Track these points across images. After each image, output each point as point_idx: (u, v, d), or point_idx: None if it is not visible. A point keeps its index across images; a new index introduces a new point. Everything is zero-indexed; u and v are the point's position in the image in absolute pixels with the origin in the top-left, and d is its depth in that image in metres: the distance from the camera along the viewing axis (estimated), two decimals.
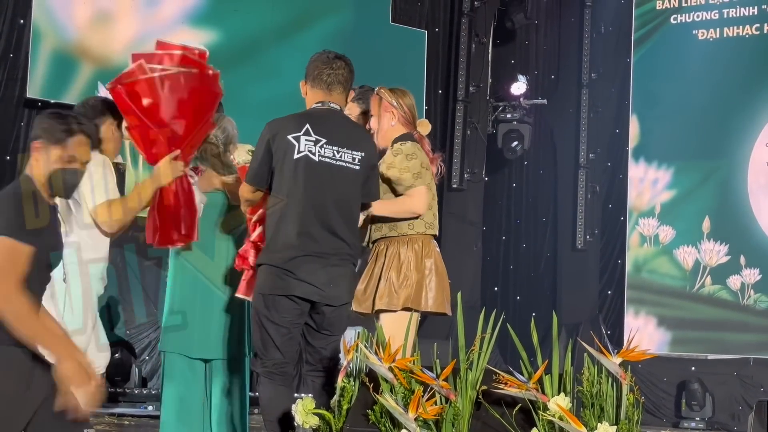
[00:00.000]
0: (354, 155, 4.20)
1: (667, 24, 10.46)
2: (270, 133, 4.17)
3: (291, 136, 4.14)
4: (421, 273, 4.52)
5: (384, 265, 4.54)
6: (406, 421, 3.46)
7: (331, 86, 4.26)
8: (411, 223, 4.57)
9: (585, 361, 3.38)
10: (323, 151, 4.14)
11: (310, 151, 4.13)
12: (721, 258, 9.92)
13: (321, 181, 4.13)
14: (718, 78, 10.10)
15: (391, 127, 4.66)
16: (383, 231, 4.60)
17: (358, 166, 4.21)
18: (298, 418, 3.80)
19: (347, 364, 3.77)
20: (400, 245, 4.55)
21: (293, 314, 4.10)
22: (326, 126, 4.19)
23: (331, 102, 4.26)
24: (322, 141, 4.15)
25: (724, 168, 10.01)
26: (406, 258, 4.52)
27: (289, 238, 4.10)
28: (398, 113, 4.66)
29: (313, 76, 4.29)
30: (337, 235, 4.14)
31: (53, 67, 8.70)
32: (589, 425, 3.27)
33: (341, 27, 10.16)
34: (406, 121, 4.67)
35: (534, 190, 11.29)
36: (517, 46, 11.40)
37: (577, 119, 10.96)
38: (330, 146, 4.16)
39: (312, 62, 4.33)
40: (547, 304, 10.72)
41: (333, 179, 4.15)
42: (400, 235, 4.57)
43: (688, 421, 9.59)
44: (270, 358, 4.11)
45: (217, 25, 9.54)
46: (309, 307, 4.14)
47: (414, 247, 4.54)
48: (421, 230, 4.59)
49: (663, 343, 10.02)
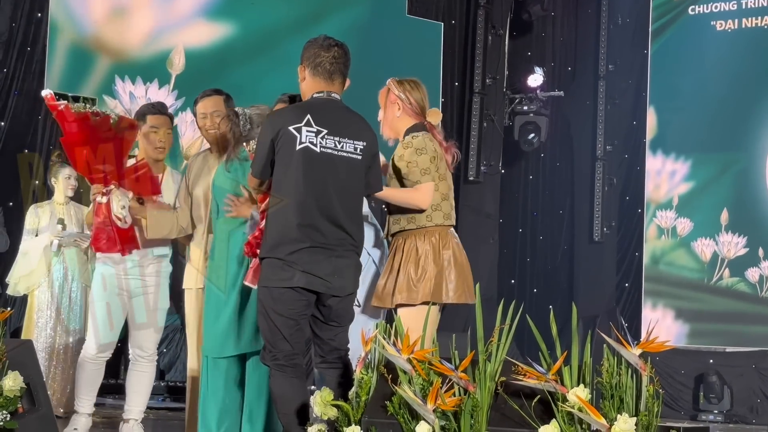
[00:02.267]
0: (356, 145, 4.16)
1: (685, 15, 10.41)
2: (271, 125, 4.14)
3: (292, 127, 4.09)
4: (439, 266, 4.52)
5: (402, 259, 4.55)
6: (425, 412, 3.46)
7: (333, 75, 4.19)
8: (429, 215, 4.58)
9: (604, 353, 3.37)
10: (324, 141, 4.11)
11: (311, 142, 4.09)
12: (739, 250, 9.87)
13: (323, 172, 4.10)
14: (737, 69, 10.04)
15: (396, 117, 4.68)
16: (401, 224, 4.61)
17: (360, 156, 4.18)
18: (316, 410, 3.81)
19: (365, 356, 3.77)
20: (417, 239, 4.56)
21: (299, 306, 4.08)
22: (327, 116, 4.15)
23: (331, 91, 4.20)
24: (324, 132, 4.11)
25: (742, 160, 9.96)
26: (424, 251, 4.53)
27: (292, 230, 4.06)
28: (403, 105, 4.67)
29: (314, 64, 4.19)
30: (341, 226, 4.12)
31: (70, 60, 8.72)
32: (608, 416, 3.26)
33: (357, 19, 10.15)
34: (413, 113, 4.68)
35: (551, 182, 11.26)
36: (534, 37, 11.36)
37: (594, 111, 10.92)
38: (331, 137, 4.12)
39: (311, 47, 4.22)
40: (564, 296, 10.70)
41: (335, 170, 4.12)
42: (418, 227, 4.58)
43: (706, 414, 9.56)
44: (279, 350, 4.07)
45: (233, 19, 9.55)
46: (315, 299, 4.13)
47: (431, 240, 4.55)
48: (439, 221, 4.60)
49: (681, 336, 9.99)
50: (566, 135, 11.19)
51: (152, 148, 5.15)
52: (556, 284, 11.00)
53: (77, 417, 5.26)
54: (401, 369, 3.58)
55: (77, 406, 5.25)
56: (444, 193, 4.63)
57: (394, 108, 4.68)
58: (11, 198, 8.36)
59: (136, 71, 9.03)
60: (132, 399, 5.28)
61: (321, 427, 3.75)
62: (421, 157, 4.55)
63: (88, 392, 5.20)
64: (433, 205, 4.60)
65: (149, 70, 9.09)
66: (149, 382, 5.32)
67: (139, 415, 5.30)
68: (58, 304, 7.01)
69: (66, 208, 7.11)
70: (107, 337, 5.14)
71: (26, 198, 7.94)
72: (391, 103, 4.69)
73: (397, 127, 4.69)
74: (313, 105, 4.17)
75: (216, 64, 9.32)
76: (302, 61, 4.22)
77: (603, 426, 3.23)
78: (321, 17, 10.00)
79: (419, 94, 4.70)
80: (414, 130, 4.65)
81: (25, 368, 4.69)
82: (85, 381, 5.19)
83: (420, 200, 4.55)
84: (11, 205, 8.32)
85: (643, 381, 3.29)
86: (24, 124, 8.67)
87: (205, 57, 9.34)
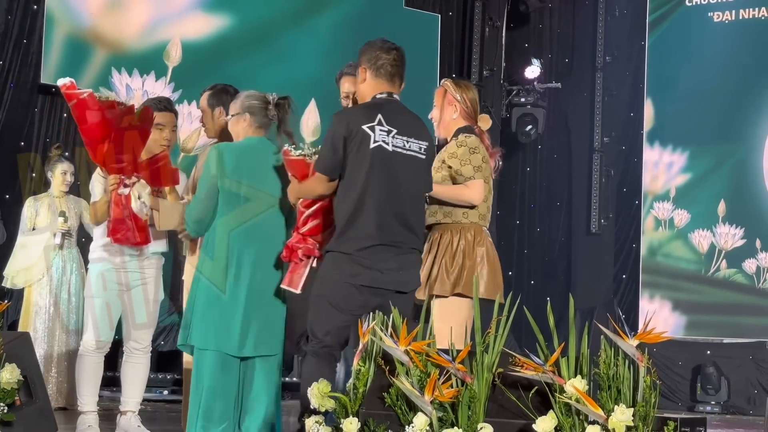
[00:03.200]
0: (420, 145, 4.29)
1: (682, 6, 10.40)
2: (342, 124, 4.20)
3: (366, 126, 4.18)
4: (472, 261, 4.63)
5: (437, 252, 4.66)
6: (422, 403, 3.46)
7: (393, 77, 4.32)
8: (466, 212, 4.69)
9: (601, 344, 3.37)
10: (395, 141, 4.23)
11: (384, 141, 4.20)
12: (736, 241, 9.88)
13: (395, 170, 4.21)
14: (734, 61, 10.04)
15: (453, 119, 4.80)
16: (438, 217, 4.71)
17: (424, 155, 4.31)
18: (313, 402, 3.81)
19: (362, 348, 3.77)
20: (454, 234, 4.67)
21: (356, 303, 4.17)
22: (395, 116, 4.26)
23: (392, 92, 4.32)
24: (394, 131, 4.23)
25: (739, 151, 9.96)
26: (459, 246, 4.64)
27: (366, 227, 4.15)
28: (461, 107, 4.79)
29: (376, 66, 4.29)
30: (408, 223, 4.24)
31: (67, 52, 8.71)
32: (605, 408, 3.26)
33: (354, 11, 10.14)
34: (467, 115, 4.81)
35: (548, 174, 11.26)
36: (531, 29, 11.35)
37: (591, 103, 10.92)
38: (400, 136, 4.24)
39: (370, 50, 4.33)
40: (561, 288, 10.71)
41: (405, 169, 4.24)
42: (454, 222, 4.69)
43: (703, 405, 9.58)
44: (320, 340, 4.17)
45: (231, 11, 9.54)
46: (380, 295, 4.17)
47: (467, 236, 4.66)
48: (474, 220, 4.71)
49: (678, 327, 10.00)
50: (563, 127, 11.19)
51: (157, 144, 5.12)
52: (554, 276, 11.01)
53: (85, 417, 5.17)
54: (399, 360, 3.59)
55: (82, 405, 5.17)
56: (485, 195, 4.73)
57: (451, 109, 4.81)
58: (8, 191, 8.36)
59: (133, 63, 9.02)
60: (129, 391, 5.28)
61: (318, 419, 3.75)
62: (474, 156, 4.67)
63: (90, 389, 5.17)
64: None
65: (146, 63, 9.08)
66: (145, 374, 5.33)
67: (136, 407, 5.30)
68: (57, 297, 7.01)
69: (65, 201, 7.10)
70: (106, 335, 5.12)
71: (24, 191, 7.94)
72: (449, 105, 4.81)
73: (452, 127, 4.82)
74: (383, 105, 4.27)
75: (213, 56, 9.31)
76: (362, 63, 4.32)
77: (600, 417, 3.24)
78: (318, 9, 9.99)
79: (474, 97, 4.85)
80: (465, 131, 4.77)
81: (23, 361, 4.69)
82: (86, 377, 5.15)
83: (471, 196, 4.66)
84: (8, 197, 8.31)
85: (640, 372, 3.29)
86: (20, 117, 8.66)
87: (202, 49, 9.33)
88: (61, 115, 8.82)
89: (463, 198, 4.67)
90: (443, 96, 4.83)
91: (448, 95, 4.81)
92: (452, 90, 4.80)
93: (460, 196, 4.67)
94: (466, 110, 4.79)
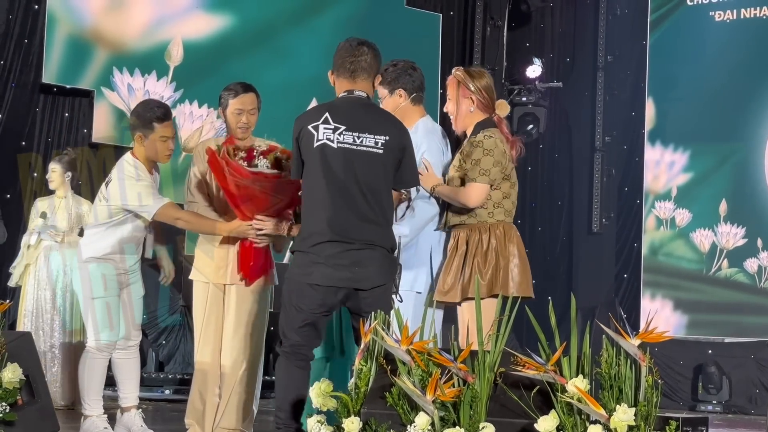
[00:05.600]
0: (377, 139, 4.21)
1: (684, 5, 10.39)
2: (296, 127, 4.26)
3: (310, 126, 4.21)
4: (506, 259, 4.51)
5: (467, 252, 4.53)
6: (424, 403, 3.46)
7: (354, 74, 4.28)
8: (491, 212, 4.56)
9: (603, 343, 3.37)
10: (342, 137, 4.18)
11: (329, 138, 4.18)
12: (737, 241, 9.88)
13: (341, 167, 4.16)
14: (736, 60, 10.03)
15: (470, 113, 4.64)
16: (462, 217, 4.59)
17: (382, 150, 4.22)
18: (315, 401, 3.81)
19: (364, 347, 3.77)
20: (482, 232, 4.54)
21: (314, 302, 4.16)
22: (347, 113, 4.23)
23: (356, 90, 4.28)
24: (341, 128, 4.19)
25: (741, 151, 9.95)
26: (491, 244, 4.51)
27: (316, 224, 4.16)
28: (476, 98, 4.63)
29: (337, 66, 4.32)
30: (367, 218, 4.18)
31: (68, 52, 8.70)
32: (607, 407, 3.26)
33: (356, 10, 10.14)
34: (484, 106, 4.64)
35: (549, 173, 11.26)
36: (533, 28, 11.35)
37: (592, 102, 10.92)
38: (350, 132, 4.19)
39: (337, 52, 4.35)
40: (562, 287, 10.71)
41: (353, 164, 4.17)
42: (480, 222, 4.56)
43: (704, 405, 9.57)
44: (288, 339, 4.19)
45: (232, 10, 9.54)
46: (337, 293, 4.16)
47: (496, 233, 4.54)
48: (500, 218, 4.58)
49: (679, 327, 10.00)
50: (565, 126, 11.19)
51: (162, 155, 5.11)
52: (555, 275, 11.00)
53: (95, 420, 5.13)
54: (400, 360, 3.58)
55: (89, 408, 5.13)
56: (506, 191, 4.61)
57: (467, 102, 4.64)
58: (8, 190, 8.36)
59: (134, 63, 9.02)
60: (128, 386, 5.26)
61: (320, 419, 3.75)
62: (486, 158, 4.53)
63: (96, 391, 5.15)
64: (494, 203, 4.57)
65: (147, 62, 9.08)
66: (139, 368, 5.35)
67: (136, 401, 5.30)
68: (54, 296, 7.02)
69: (65, 201, 7.11)
70: (108, 336, 5.11)
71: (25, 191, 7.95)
72: (464, 97, 4.64)
73: (471, 121, 4.65)
74: (335, 104, 4.29)
75: (214, 55, 9.31)
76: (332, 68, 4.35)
77: (602, 416, 3.24)
78: (320, 8, 9.99)
79: (489, 84, 4.67)
80: (484, 126, 4.60)
81: (24, 360, 4.69)
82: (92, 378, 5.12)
83: (466, 198, 4.53)
84: (8, 197, 8.32)
85: (642, 371, 3.29)
86: (21, 117, 8.66)
87: (203, 49, 9.33)
88: (62, 115, 8.83)
89: (458, 199, 4.56)
90: (456, 88, 4.66)
91: (463, 88, 4.64)
92: (466, 81, 4.63)
93: (456, 196, 4.57)
94: (483, 101, 4.62)
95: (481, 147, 4.54)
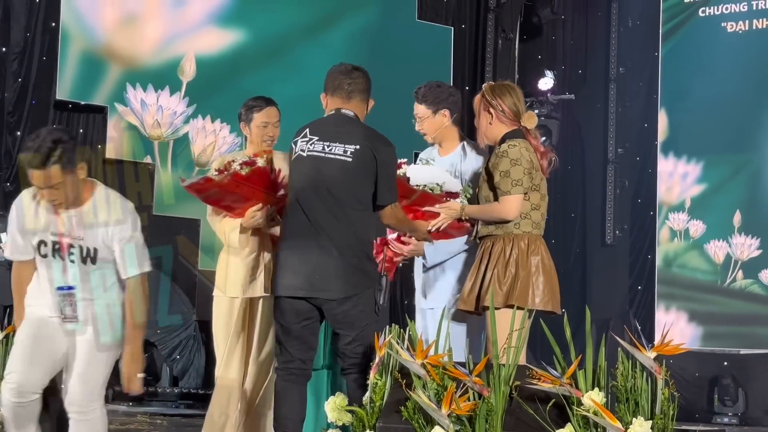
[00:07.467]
0: (346, 148, 4.22)
1: (696, 17, 10.39)
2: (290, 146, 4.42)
3: (293, 141, 4.36)
4: (526, 270, 4.46)
5: (489, 262, 4.51)
6: (440, 417, 3.46)
7: (351, 95, 4.36)
8: (517, 223, 4.51)
9: (619, 356, 3.36)
10: (313, 146, 4.26)
11: (302, 149, 4.29)
12: (752, 252, 9.84)
13: (307, 173, 4.24)
14: (748, 70, 10.01)
15: (489, 126, 4.63)
16: (490, 228, 4.57)
17: (350, 158, 4.21)
18: (330, 416, 3.81)
19: (379, 361, 3.77)
20: (506, 243, 4.50)
21: (286, 312, 4.20)
22: (323, 126, 4.33)
23: (345, 109, 4.34)
24: (314, 138, 4.28)
25: (754, 161, 9.93)
26: (512, 255, 4.47)
27: (282, 234, 4.31)
28: (495, 113, 4.61)
29: (333, 87, 4.39)
30: (328, 225, 4.17)
31: (82, 68, 8.76)
32: (624, 420, 3.25)
33: (367, 25, 10.16)
34: (506, 119, 4.61)
35: (562, 185, 11.23)
36: (544, 41, 11.35)
37: (605, 114, 10.91)
38: (321, 142, 4.27)
39: (331, 74, 4.43)
40: (576, 299, 10.67)
41: (319, 171, 4.22)
42: (506, 233, 4.53)
43: (720, 417, 9.52)
44: (278, 355, 4.26)
45: (244, 25, 9.57)
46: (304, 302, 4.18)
47: (520, 245, 4.49)
48: (527, 230, 4.53)
49: (694, 338, 9.95)
50: (577, 138, 11.18)
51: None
52: (569, 287, 10.95)
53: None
54: (415, 374, 3.58)
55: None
56: (535, 203, 4.56)
57: (486, 116, 4.63)
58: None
59: (147, 79, 9.06)
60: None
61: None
62: (515, 168, 4.49)
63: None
64: (522, 213, 4.52)
65: (161, 78, 9.12)
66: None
67: None
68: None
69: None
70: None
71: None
72: (484, 111, 4.64)
73: (492, 134, 4.64)
74: (318, 120, 4.39)
75: (227, 70, 9.35)
76: (324, 90, 4.43)
77: (618, 430, 3.23)
78: (331, 23, 10.01)
79: (512, 99, 4.63)
80: (511, 137, 4.58)
81: None
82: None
83: (504, 212, 4.50)
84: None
85: (658, 384, 3.28)
86: None
87: (216, 64, 9.37)
88: (76, 131, 8.86)
89: (494, 216, 4.51)
90: (480, 102, 4.67)
91: (483, 101, 4.64)
92: (488, 96, 4.63)
93: (492, 213, 4.52)
94: (504, 115, 4.59)
95: (507, 157, 4.50)
